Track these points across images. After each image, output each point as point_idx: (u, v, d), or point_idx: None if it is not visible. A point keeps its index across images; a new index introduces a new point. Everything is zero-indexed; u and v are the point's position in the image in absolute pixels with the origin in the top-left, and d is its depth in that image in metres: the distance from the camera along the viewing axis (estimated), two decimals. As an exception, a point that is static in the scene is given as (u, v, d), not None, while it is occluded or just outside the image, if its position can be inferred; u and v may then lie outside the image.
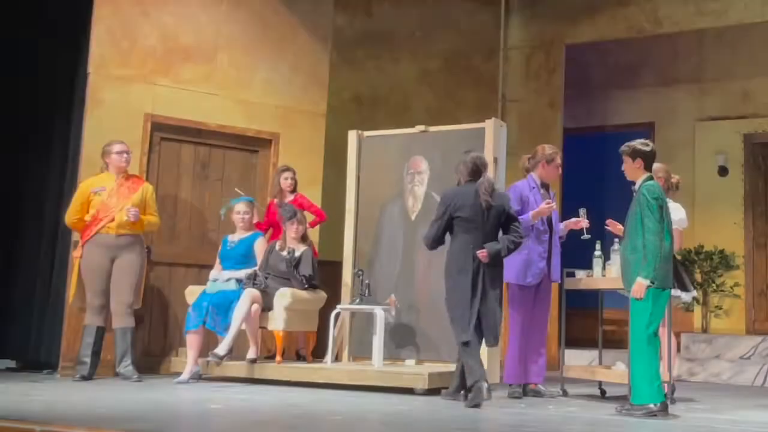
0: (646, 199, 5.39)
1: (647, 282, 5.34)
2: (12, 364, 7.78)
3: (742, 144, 10.60)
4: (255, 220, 7.61)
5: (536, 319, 6.58)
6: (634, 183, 5.59)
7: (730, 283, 10.24)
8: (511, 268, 6.47)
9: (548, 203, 6.50)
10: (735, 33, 10.55)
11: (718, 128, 10.73)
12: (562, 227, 6.74)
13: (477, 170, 6.10)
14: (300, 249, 7.29)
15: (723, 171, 10.60)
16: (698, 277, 10.13)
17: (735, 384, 8.69)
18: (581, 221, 6.64)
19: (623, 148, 5.64)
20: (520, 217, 6.43)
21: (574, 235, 6.75)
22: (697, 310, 10.27)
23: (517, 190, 6.60)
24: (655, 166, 5.94)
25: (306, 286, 7.21)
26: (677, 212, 6.53)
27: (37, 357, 7.49)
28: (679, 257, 6.80)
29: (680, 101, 11.09)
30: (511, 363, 6.46)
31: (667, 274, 5.41)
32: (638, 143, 5.61)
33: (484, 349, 6.00)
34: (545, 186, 6.72)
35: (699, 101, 11.00)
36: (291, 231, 7.31)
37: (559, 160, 6.72)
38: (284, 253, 7.26)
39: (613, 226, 6.30)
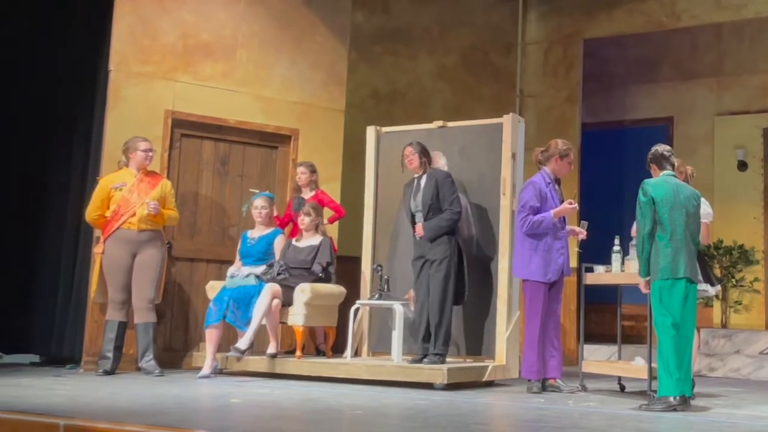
0: (638, 197, 5.55)
1: (642, 280, 5.57)
2: (36, 358, 7.87)
3: (762, 138, 10.53)
4: (274, 214, 7.66)
5: (551, 314, 6.58)
6: None
7: (750, 278, 10.20)
8: (531, 265, 6.47)
9: (570, 203, 6.52)
10: (754, 27, 10.49)
11: (737, 123, 10.66)
12: (568, 229, 6.75)
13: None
14: (317, 240, 7.34)
15: (742, 166, 10.55)
16: (718, 272, 10.08)
17: (755, 379, 8.66)
18: (581, 233, 6.71)
19: None
20: (541, 215, 6.44)
21: (591, 230, 6.78)
22: (717, 305, 10.23)
23: (536, 186, 6.57)
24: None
25: (321, 274, 7.25)
26: (702, 206, 6.51)
27: (60, 352, 7.57)
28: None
29: (699, 96, 11.03)
30: (530, 359, 6.45)
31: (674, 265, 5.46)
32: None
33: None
34: (558, 181, 6.74)
35: (718, 96, 10.94)
36: (299, 223, 7.44)
37: (572, 156, 6.75)
38: (300, 244, 7.33)
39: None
